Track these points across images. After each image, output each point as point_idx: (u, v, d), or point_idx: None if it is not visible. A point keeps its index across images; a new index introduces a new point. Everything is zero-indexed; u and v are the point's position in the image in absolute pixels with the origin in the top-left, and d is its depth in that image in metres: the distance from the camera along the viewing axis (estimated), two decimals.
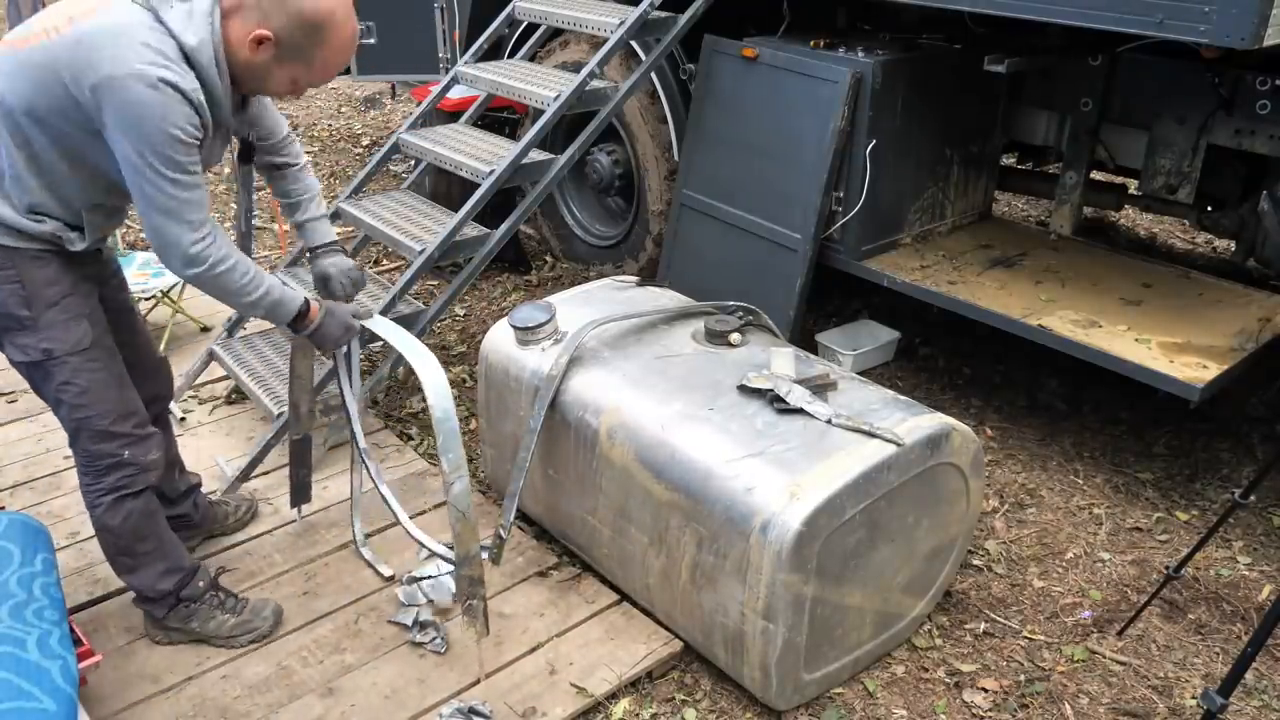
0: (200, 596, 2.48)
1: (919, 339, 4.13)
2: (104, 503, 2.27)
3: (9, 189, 2.01)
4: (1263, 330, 3.20)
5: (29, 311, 2.07)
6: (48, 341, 2.10)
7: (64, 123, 1.92)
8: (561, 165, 3.49)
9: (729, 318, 2.77)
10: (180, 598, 2.45)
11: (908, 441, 2.28)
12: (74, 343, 2.13)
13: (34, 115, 1.92)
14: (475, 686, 2.39)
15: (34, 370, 2.16)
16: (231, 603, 2.53)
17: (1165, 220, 5.24)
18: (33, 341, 2.10)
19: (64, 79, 1.86)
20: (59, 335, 2.11)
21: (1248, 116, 3.29)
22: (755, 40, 3.75)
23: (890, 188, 3.66)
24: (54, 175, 2.01)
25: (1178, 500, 3.20)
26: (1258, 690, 2.48)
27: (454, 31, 5.02)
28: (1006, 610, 2.74)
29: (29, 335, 2.10)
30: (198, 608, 2.48)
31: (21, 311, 2.07)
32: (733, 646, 2.32)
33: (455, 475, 2.20)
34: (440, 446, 2.20)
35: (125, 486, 2.27)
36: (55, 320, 2.10)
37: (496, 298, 4.60)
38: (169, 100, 1.86)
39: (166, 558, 2.41)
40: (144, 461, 2.28)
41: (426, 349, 2.31)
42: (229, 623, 2.50)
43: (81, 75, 1.84)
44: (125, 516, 2.29)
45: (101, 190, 2.07)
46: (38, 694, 1.87)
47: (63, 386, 2.16)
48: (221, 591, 2.54)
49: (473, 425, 3.55)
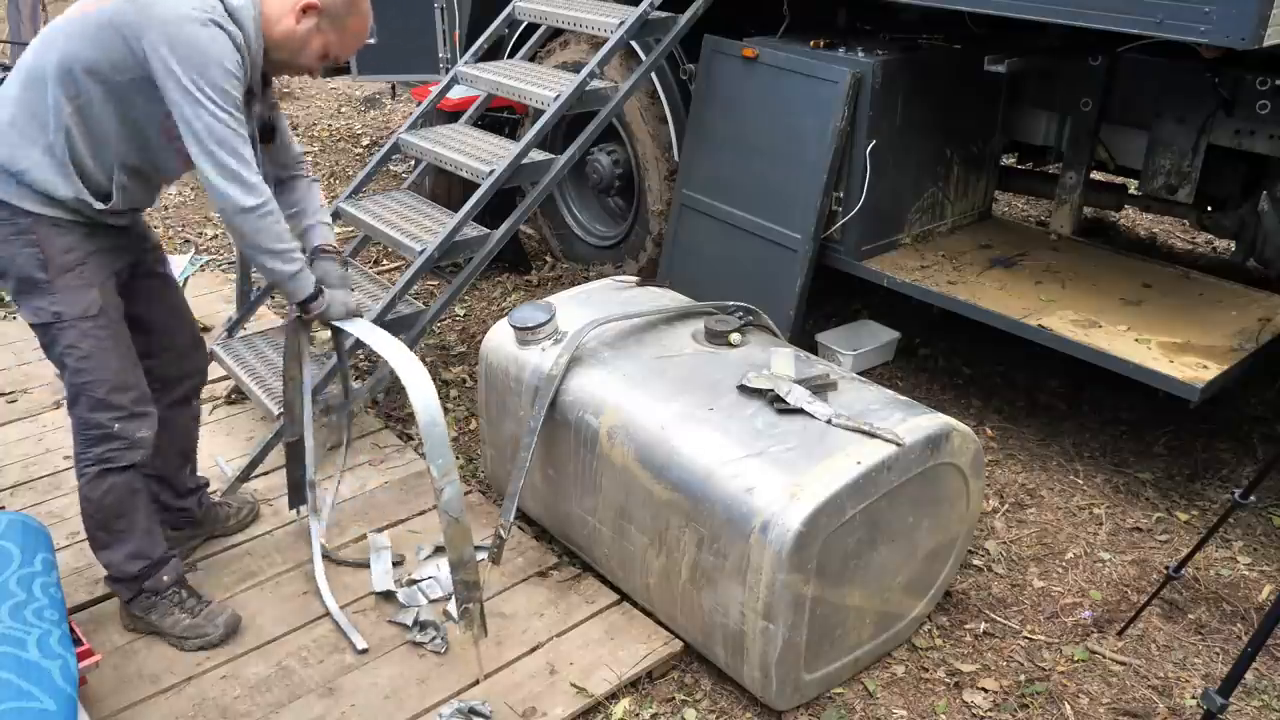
0: (163, 590, 2.49)
1: (919, 339, 4.13)
2: (89, 473, 2.32)
3: (52, 139, 2.11)
4: (1263, 330, 3.20)
5: (45, 275, 2.17)
6: (58, 305, 2.19)
7: (119, 75, 2.07)
8: (561, 165, 3.49)
9: (729, 318, 2.77)
10: (143, 588, 2.46)
11: (908, 441, 2.28)
12: (83, 308, 2.21)
13: (93, 71, 2.07)
14: (475, 687, 2.39)
15: (44, 332, 2.25)
16: (192, 603, 2.52)
17: (1165, 220, 5.24)
18: (45, 304, 2.19)
19: (124, 34, 2.03)
20: (70, 299, 2.19)
21: (1248, 116, 3.29)
22: (755, 40, 3.75)
23: (890, 188, 3.66)
24: (98, 128, 2.13)
25: (1178, 500, 3.20)
26: (1258, 690, 2.48)
27: (454, 31, 5.02)
28: (1006, 610, 2.74)
29: (42, 297, 2.19)
30: (158, 601, 2.48)
31: (38, 274, 2.17)
32: (733, 646, 2.32)
33: (445, 481, 2.18)
34: (429, 453, 2.19)
35: (110, 460, 2.30)
36: (68, 285, 2.19)
37: (496, 298, 4.60)
38: (220, 37, 2.04)
39: (138, 541, 2.43)
40: (133, 437, 2.31)
41: (412, 354, 2.31)
42: (183, 622, 2.50)
43: (139, 27, 2.02)
44: (107, 490, 2.32)
45: (138, 148, 2.20)
46: (38, 694, 1.87)
47: (67, 350, 2.23)
48: (185, 590, 2.54)
49: (473, 425, 3.55)
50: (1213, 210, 3.76)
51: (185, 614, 2.50)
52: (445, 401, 3.74)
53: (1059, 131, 3.92)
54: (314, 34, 2.20)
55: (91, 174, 2.17)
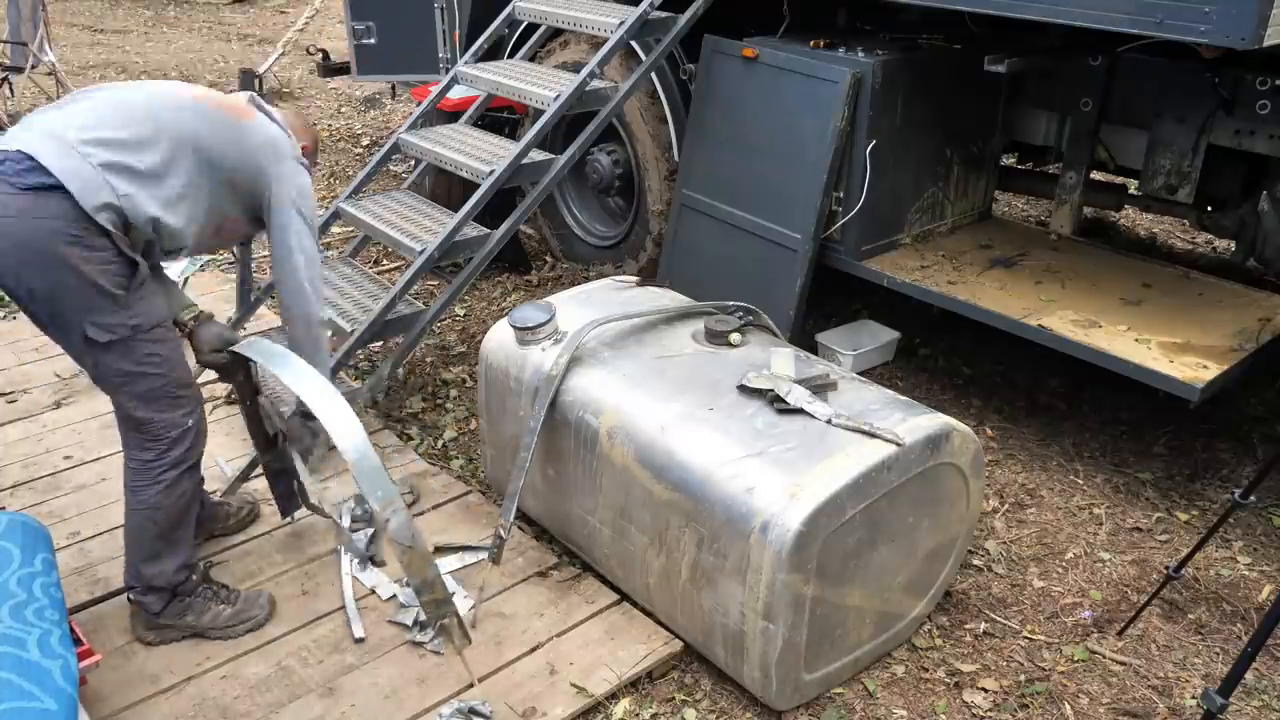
0: (195, 590, 2.50)
1: (919, 339, 4.13)
2: (167, 479, 2.33)
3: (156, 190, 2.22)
4: (1263, 330, 3.19)
5: (128, 287, 2.19)
6: (135, 317, 2.21)
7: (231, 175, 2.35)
8: (561, 165, 3.49)
9: (729, 318, 2.77)
10: (175, 592, 2.47)
11: (908, 441, 2.28)
12: (158, 316, 2.29)
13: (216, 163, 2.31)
14: (475, 687, 2.39)
15: (110, 349, 2.21)
16: (225, 593, 2.55)
17: (1165, 220, 5.24)
18: (123, 319, 2.20)
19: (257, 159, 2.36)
20: (145, 310, 2.24)
21: (1248, 116, 3.29)
22: (755, 40, 3.75)
23: (890, 188, 3.65)
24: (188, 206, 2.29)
25: (1178, 500, 3.20)
26: (1258, 690, 2.48)
27: (454, 31, 5.02)
28: (1006, 610, 2.74)
29: (117, 313, 2.18)
30: (193, 601, 2.50)
31: (118, 291, 2.17)
32: (733, 646, 2.32)
33: (389, 511, 2.09)
34: (364, 489, 2.09)
35: (187, 459, 2.35)
36: (142, 296, 2.24)
37: (496, 298, 4.60)
38: None
39: (188, 548, 2.48)
40: (203, 427, 2.40)
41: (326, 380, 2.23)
42: (225, 613, 2.52)
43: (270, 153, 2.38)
44: (182, 494, 2.36)
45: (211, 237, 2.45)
46: (39, 694, 1.87)
47: (147, 358, 2.25)
48: (214, 584, 2.57)
49: (473, 425, 3.55)
50: (1213, 210, 3.76)
51: (224, 605, 2.53)
52: (445, 401, 3.74)
53: (1059, 131, 3.92)
54: None
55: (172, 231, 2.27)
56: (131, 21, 11.58)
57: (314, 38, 9.41)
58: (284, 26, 10.22)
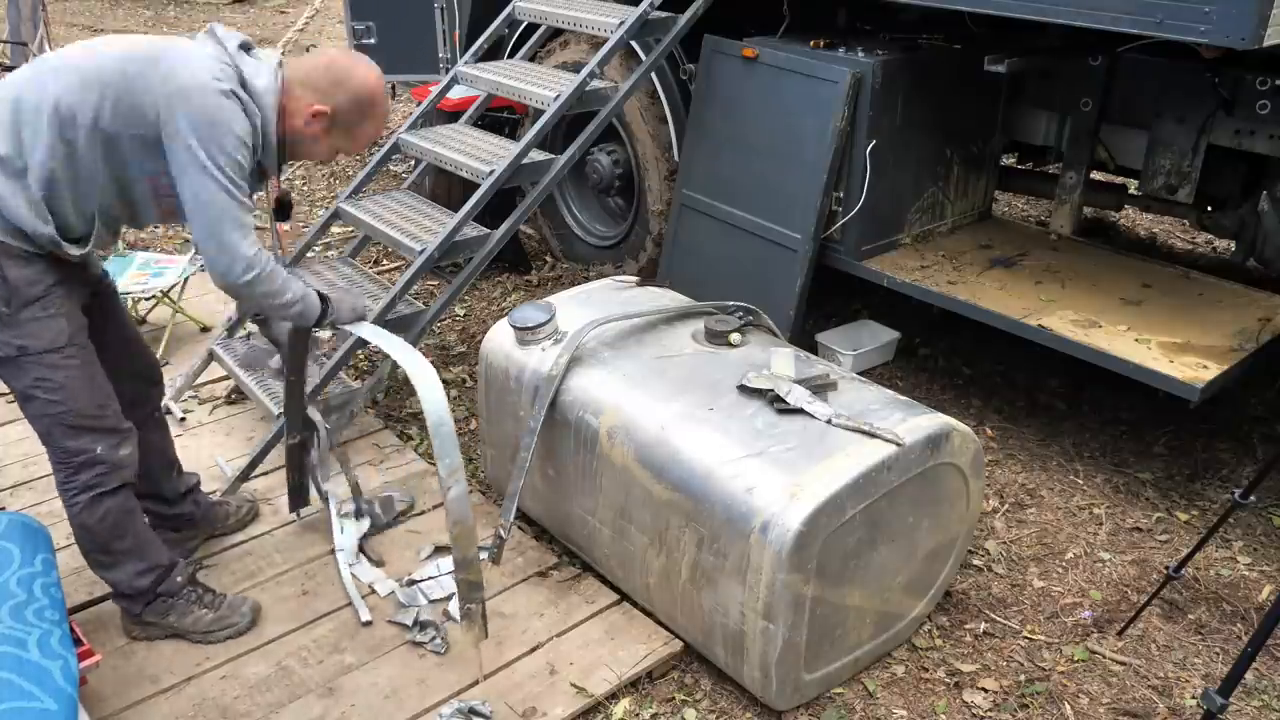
0: (178, 591, 2.49)
1: (919, 339, 4.13)
2: (80, 501, 2.29)
3: (30, 181, 2.06)
4: (1263, 330, 3.19)
5: (6, 309, 2.11)
6: (22, 338, 2.14)
7: (124, 129, 2.07)
8: (561, 165, 3.49)
9: (729, 318, 2.77)
10: (157, 593, 2.46)
11: (908, 441, 2.28)
12: (49, 340, 2.17)
13: (95, 121, 2.05)
14: (475, 687, 2.39)
15: (7, 365, 2.19)
16: (210, 598, 2.54)
17: (1165, 220, 5.24)
18: (8, 337, 2.14)
19: (136, 88, 2.04)
20: (34, 332, 2.14)
21: (1248, 116, 3.29)
22: (755, 40, 3.75)
23: (890, 188, 3.65)
24: (85, 176, 2.10)
25: (1178, 500, 3.20)
26: (1258, 690, 2.48)
27: (454, 31, 5.02)
28: (1006, 610, 2.74)
29: (4, 331, 2.13)
30: (175, 602, 2.49)
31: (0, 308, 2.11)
32: (733, 646, 2.32)
33: (452, 480, 2.20)
34: (436, 452, 2.20)
35: (99, 484, 2.28)
36: (32, 317, 2.14)
37: (496, 298, 4.60)
38: (237, 109, 2.08)
39: (144, 556, 2.43)
40: (117, 458, 2.29)
41: (418, 353, 2.32)
42: (206, 618, 2.51)
43: (158, 86, 2.04)
44: (103, 515, 2.31)
45: (122, 200, 2.19)
46: (39, 694, 1.87)
47: (37, 383, 2.18)
48: (200, 587, 2.55)
49: (473, 425, 3.55)
50: (1213, 210, 3.76)
51: (206, 609, 2.52)
52: None
53: (1059, 131, 3.92)
54: (323, 135, 2.23)
55: (68, 218, 2.13)
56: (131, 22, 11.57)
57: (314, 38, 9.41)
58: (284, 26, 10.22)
